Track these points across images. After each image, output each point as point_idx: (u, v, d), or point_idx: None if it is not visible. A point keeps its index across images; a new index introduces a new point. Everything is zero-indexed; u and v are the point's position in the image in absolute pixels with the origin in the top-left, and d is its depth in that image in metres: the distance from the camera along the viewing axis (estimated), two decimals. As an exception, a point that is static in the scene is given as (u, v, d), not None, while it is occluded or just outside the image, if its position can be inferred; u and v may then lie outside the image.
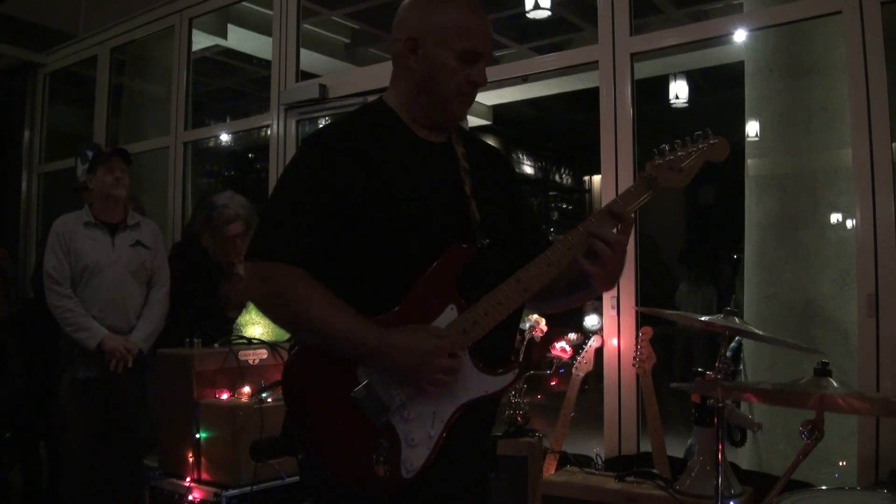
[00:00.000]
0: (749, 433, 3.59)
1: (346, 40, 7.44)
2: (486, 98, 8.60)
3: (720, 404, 2.15)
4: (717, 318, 2.33)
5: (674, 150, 1.67)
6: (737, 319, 2.34)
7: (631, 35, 3.50)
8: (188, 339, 3.48)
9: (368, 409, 1.54)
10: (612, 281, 1.65)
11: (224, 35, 6.54)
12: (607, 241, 1.60)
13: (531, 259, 1.62)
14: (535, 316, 3.34)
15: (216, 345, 3.49)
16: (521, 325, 3.32)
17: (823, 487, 2.22)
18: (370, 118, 1.73)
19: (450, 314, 1.59)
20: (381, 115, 1.73)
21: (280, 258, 1.56)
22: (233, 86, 8.48)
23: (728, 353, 2.36)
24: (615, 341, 3.41)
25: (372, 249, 1.58)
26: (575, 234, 1.63)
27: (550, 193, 12.63)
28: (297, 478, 3.02)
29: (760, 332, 2.50)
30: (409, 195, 1.62)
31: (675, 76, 7.46)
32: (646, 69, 4.92)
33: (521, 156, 11.85)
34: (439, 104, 1.68)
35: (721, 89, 7.37)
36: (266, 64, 5.27)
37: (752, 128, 4.09)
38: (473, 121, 8.99)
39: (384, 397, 1.55)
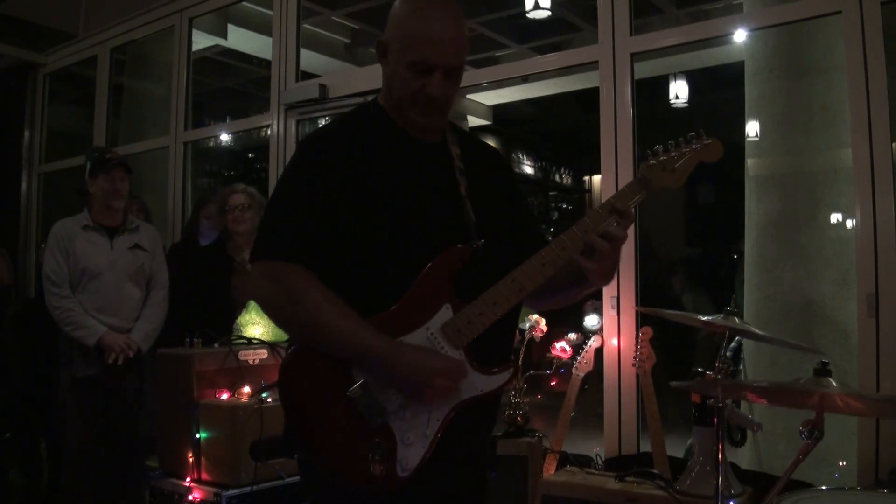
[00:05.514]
0: (749, 433, 3.58)
1: (346, 40, 7.43)
2: (486, 98, 8.61)
3: (720, 404, 2.15)
4: (717, 318, 2.33)
5: (667, 150, 1.68)
6: (737, 319, 2.34)
7: (631, 35, 3.50)
8: (188, 339, 3.49)
9: (365, 408, 1.55)
10: (609, 275, 1.66)
11: (224, 35, 6.54)
12: (609, 235, 1.60)
13: (527, 258, 1.62)
14: (535, 316, 3.34)
15: (216, 345, 3.49)
16: (521, 325, 3.32)
17: (823, 487, 2.21)
18: (365, 119, 1.74)
19: (445, 314, 1.59)
20: (375, 116, 1.73)
21: (287, 258, 1.57)
22: (233, 86, 8.47)
23: (728, 353, 2.36)
24: (615, 341, 3.41)
25: (368, 250, 1.59)
26: (569, 234, 1.63)
27: (550, 193, 12.61)
28: (297, 478, 3.03)
29: (760, 332, 2.50)
30: (404, 196, 1.63)
31: (675, 76, 7.45)
32: (646, 69, 4.91)
33: (521, 156, 11.84)
34: (401, 110, 1.69)
35: (721, 89, 7.35)
36: (266, 64, 5.26)
37: (752, 128, 4.09)
38: (473, 121, 8.98)
39: (380, 397, 1.55)
